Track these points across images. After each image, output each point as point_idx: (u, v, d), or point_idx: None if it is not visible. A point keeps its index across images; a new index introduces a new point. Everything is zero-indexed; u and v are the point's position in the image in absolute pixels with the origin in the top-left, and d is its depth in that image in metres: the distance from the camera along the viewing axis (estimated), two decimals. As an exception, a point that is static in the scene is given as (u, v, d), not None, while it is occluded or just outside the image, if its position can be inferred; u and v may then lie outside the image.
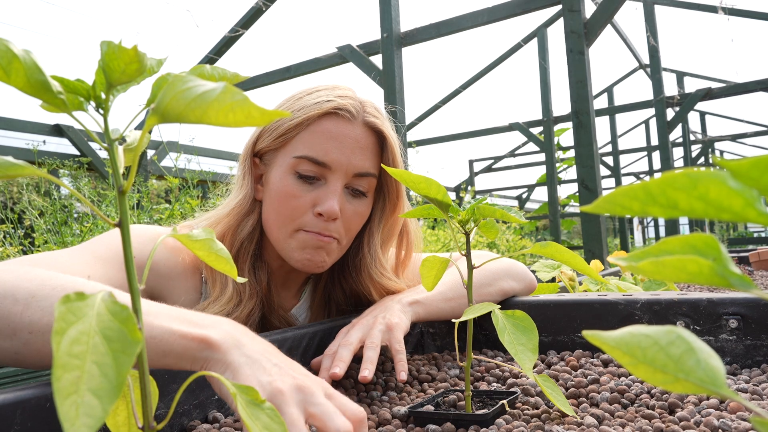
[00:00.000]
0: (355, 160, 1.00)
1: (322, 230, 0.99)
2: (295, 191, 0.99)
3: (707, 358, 0.28)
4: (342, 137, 1.00)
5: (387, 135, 1.04)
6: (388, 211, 1.10)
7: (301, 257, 1.00)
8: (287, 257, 1.02)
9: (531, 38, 6.66)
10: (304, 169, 0.99)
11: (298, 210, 0.99)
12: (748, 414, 0.65)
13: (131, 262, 0.40)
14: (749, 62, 32.85)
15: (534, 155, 11.07)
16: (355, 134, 1.01)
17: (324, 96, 1.01)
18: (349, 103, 1.01)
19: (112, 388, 0.31)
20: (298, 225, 1.00)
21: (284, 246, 1.01)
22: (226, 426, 0.69)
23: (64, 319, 0.33)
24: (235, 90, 0.34)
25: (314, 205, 0.99)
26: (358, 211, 1.04)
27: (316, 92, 1.03)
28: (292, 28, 46.32)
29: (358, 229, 1.06)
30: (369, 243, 1.10)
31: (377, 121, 1.03)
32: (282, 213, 1.00)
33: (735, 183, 0.24)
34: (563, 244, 3.21)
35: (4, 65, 0.35)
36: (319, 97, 1.01)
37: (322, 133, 0.99)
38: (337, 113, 1.00)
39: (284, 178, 1.00)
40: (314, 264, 1.01)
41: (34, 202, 3.35)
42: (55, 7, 14.85)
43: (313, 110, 0.99)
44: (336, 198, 0.98)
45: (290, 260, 1.02)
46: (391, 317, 0.91)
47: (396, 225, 1.12)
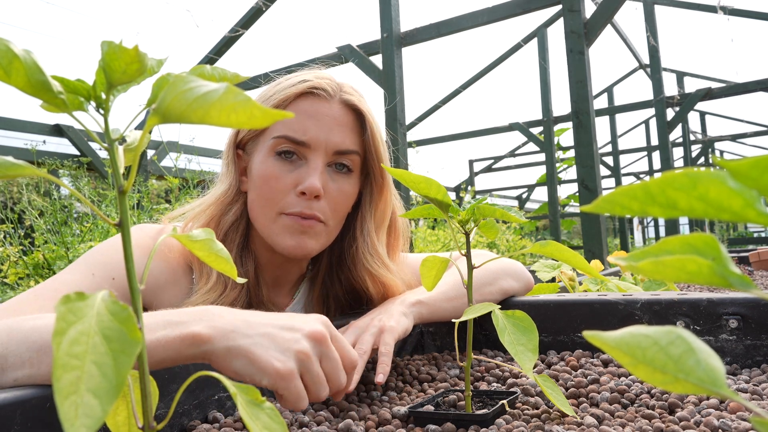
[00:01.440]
0: (334, 136, 1.00)
1: (304, 209, 0.98)
2: (276, 172, 0.99)
3: (707, 358, 0.28)
4: (319, 115, 1.00)
5: (365, 112, 1.04)
6: (376, 193, 1.09)
7: (287, 243, 0.99)
8: (274, 243, 1.01)
9: (531, 38, 6.66)
10: (283, 148, 0.99)
11: (280, 191, 0.99)
12: (748, 414, 0.65)
13: (131, 262, 0.40)
14: (749, 62, 32.85)
15: (534, 155, 11.07)
16: (332, 112, 1.01)
17: (301, 77, 1.03)
18: (325, 83, 1.02)
19: (111, 388, 0.31)
20: (281, 207, 0.99)
21: (269, 232, 1.00)
22: (226, 426, 0.69)
23: (64, 319, 0.33)
24: (237, 90, 0.34)
25: (296, 185, 0.99)
26: (342, 190, 1.02)
27: (295, 76, 1.04)
28: (292, 28, 46.31)
29: (346, 209, 1.05)
30: (362, 228, 1.09)
31: (353, 98, 1.04)
32: (264, 196, 1.00)
33: (735, 183, 0.24)
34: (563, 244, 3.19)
35: (4, 65, 0.36)
36: (296, 78, 1.03)
37: (299, 113, 1.00)
38: (313, 92, 1.01)
39: (265, 161, 1.00)
40: (301, 249, 0.99)
41: (34, 202, 3.34)
42: (55, 7, 14.85)
43: (289, 91, 1.00)
44: (317, 175, 0.98)
45: (277, 246, 1.01)
46: (387, 320, 0.90)
47: (387, 208, 1.11)
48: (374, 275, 1.07)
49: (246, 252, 1.05)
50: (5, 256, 3.09)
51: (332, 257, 1.12)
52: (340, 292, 1.13)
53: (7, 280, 3.06)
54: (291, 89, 1.00)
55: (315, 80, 1.01)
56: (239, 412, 0.40)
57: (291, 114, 0.34)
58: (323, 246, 1.03)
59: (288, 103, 1.00)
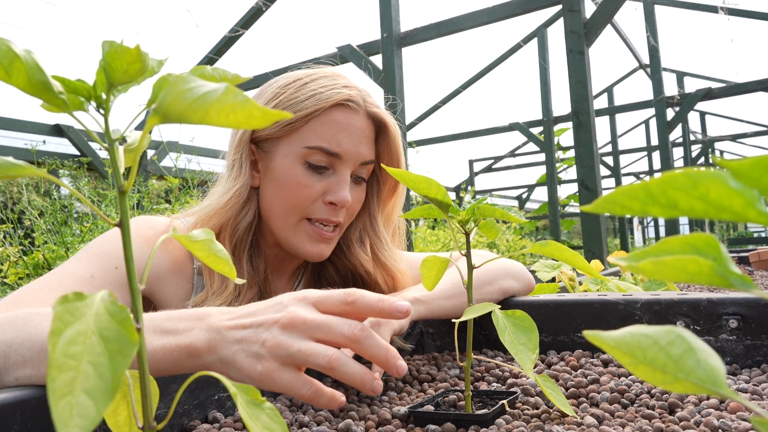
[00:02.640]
0: (363, 149, 1.04)
1: (330, 216, 1.02)
2: (305, 181, 1.01)
3: (707, 358, 0.28)
4: (351, 128, 1.02)
5: (388, 122, 1.08)
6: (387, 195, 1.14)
7: (308, 249, 1.03)
8: (291, 246, 1.03)
9: (531, 38, 6.66)
10: (315, 159, 1.01)
11: (308, 199, 1.01)
12: (748, 414, 0.65)
13: (131, 263, 0.40)
14: (749, 62, 32.84)
15: (534, 155, 11.07)
16: (361, 124, 1.04)
17: (329, 84, 1.03)
18: (355, 94, 1.04)
19: (107, 389, 0.31)
20: (306, 213, 1.02)
21: (288, 235, 1.03)
22: (226, 426, 0.69)
23: (61, 320, 0.33)
24: (236, 91, 0.34)
25: (324, 194, 1.02)
26: (359, 198, 1.08)
27: (319, 79, 1.04)
28: (292, 28, 46.30)
29: (357, 212, 1.10)
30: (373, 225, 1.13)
31: (379, 111, 1.07)
32: (290, 202, 1.01)
33: (735, 183, 0.24)
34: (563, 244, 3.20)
35: (5, 65, 0.36)
36: (325, 86, 1.02)
37: (333, 124, 1.01)
38: (347, 104, 1.02)
39: (293, 168, 1.01)
40: (320, 255, 1.04)
41: (34, 202, 3.34)
42: (55, 7, 14.85)
43: (324, 100, 1.01)
44: (347, 187, 1.02)
45: (296, 250, 1.03)
46: None
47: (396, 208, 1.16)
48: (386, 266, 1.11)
49: (257, 251, 1.06)
50: (5, 256, 3.09)
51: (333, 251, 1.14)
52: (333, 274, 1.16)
53: (7, 280, 3.06)
54: (325, 99, 1.01)
55: (346, 92, 1.03)
56: (239, 412, 0.40)
57: (289, 114, 0.34)
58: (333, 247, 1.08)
59: (320, 113, 1.01)
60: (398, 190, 1.14)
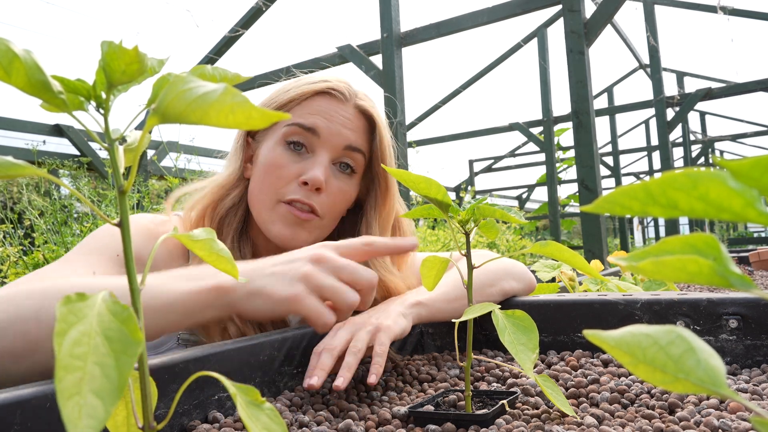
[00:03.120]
0: (345, 132, 1.03)
1: (303, 197, 1.00)
2: (282, 161, 1.01)
3: (707, 358, 0.28)
4: (333, 112, 1.03)
5: (377, 118, 1.07)
6: (380, 199, 1.12)
7: (282, 232, 1.01)
8: (267, 231, 1.02)
9: (531, 38, 6.66)
10: (293, 137, 1.01)
11: (283, 179, 1.01)
12: (748, 414, 0.65)
13: (131, 262, 0.40)
14: (749, 62, 32.85)
15: (534, 155, 11.07)
16: (346, 113, 1.04)
17: (320, 76, 1.06)
18: (342, 86, 1.05)
19: (114, 389, 0.31)
20: (281, 195, 1.01)
21: (265, 218, 1.02)
22: (226, 426, 0.69)
23: (65, 320, 0.33)
24: (235, 92, 0.34)
25: (299, 175, 1.01)
26: (342, 189, 1.05)
27: (315, 75, 1.08)
28: (292, 28, 46.31)
29: (342, 208, 1.08)
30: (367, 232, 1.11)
31: (367, 104, 1.07)
32: (267, 182, 1.01)
33: (735, 183, 0.24)
34: (563, 244, 3.20)
35: (5, 65, 0.36)
36: (316, 77, 1.06)
37: (313, 107, 1.03)
38: (330, 93, 1.03)
39: (273, 149, 1.02)
40: (294, 240, 1.01)
41: (34, 202, 3.35)
42: (55, 7, 14.85)
43: (307, 87, 1.03)
44: (322, 168, 1.00)
45: (270, 234, 1.02)
46: (385, 319, 0.89)
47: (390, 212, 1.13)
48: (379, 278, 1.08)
49: (244, 238, 1.07)
50: (5, 256, 3.09)
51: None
52: None
53: (7, 280, 3.06)
54: (309, 86, 1.03)
55: (333, 82, 1.04)
56: (239, 412, 0.40)
57: (288, 115, 0.34)
58: (316, 240, 1.05)
59: (304, 98, 1.03)
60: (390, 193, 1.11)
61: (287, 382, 0.86)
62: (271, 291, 0.67)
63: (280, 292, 0.67)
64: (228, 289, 0.68)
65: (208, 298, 0.67)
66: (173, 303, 0.66)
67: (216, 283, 0.67)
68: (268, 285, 0.68)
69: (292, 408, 0.77)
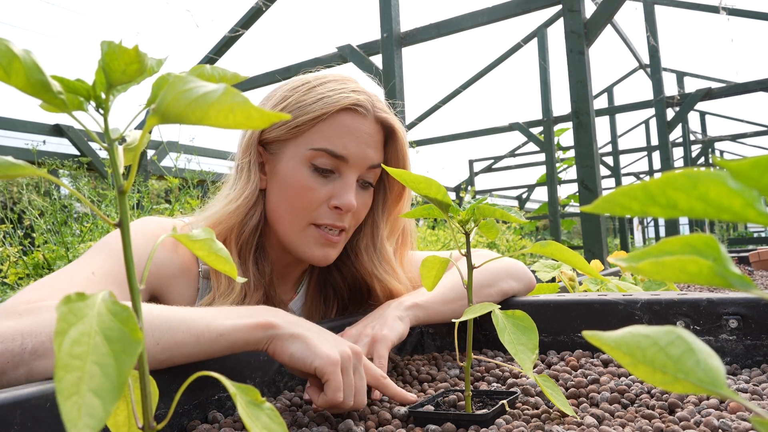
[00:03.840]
0: (370, 153, 1.02)
1: (336, 221, 1.00)
2: (311, 184, 0.99)
3: (707, 358, 0.28)
4: (358, 132, 1.01)
5: (396, 128, 1.07)
6: (392, 202, 1.12)
7: (314, 253, 1.02)
8: (298, 251, 1.02)
9: (531, 38, 6.66)
10: (321, 162, 0.99)
11: (313, 203, 1.00)
12: (748, 414, 0.65)
13: (131, 262, 0.40)
14: (749, 62, 32.85)
15: (534, 155, 11.07)
16: (369, 129, 1.02)
17: (338, 88, 1.02)
18: (364, 99, 1.03)
19: (113, 389, 0.31)
20: (313, 218, 1.00)
21: (294, 239, 1.02)
22: (226, 426, 0.69)
23: (65, 320, 0.33)
24: (235, 92, 0.34)
25: (329, 198, 1.00)
26: (366, 203, 1.06)
27: (328, 83, 1.03)
28: (292, 28, 46.29)
29: (363, 218, 1.08)
30: (374, 234, 1.11)
31: (388, 117, 1.06)
32: (296, 206, 1.00)
33: (735, 183, 0.24)
34: (563, 244, 3.19)
35: (4, 65, 0.36)
36: (334, 90, 1.01)
37: (340, 127, 1.00)
38: (355, 109, 1.01)
39: (299, 170, 1.00)
40: (326, 260, 1.03)
41: (34, 202, 3.35)
42: (55, 7, 14.85)
43: (331, 104, 0.99)
44: (353, 192, 1.00)
45: (301, 255, 1.02)
46: (381, 328, 0.90)
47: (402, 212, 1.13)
48: (382, 281, 1.09)
49: (262, 254, 1.05)
50: (5, 256, 3.09)
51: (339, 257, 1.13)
52: (341, 285, 1.14)
53: (7, 280, 3.06)
54: (333, 102, 1.00)
55: (354, 96, 1.01)
56: (239, 412, 0.40)
57: (288, 116, 0.34)
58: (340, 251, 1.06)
59: (328, 116, 1.00)
60: (404, 196, 1.12)
61: (287, 382, 0.86)
62: (314, 343, 0.71)
63: (321, 348, 0.70)
64: (274, 325, 0.72)
65: (255, 332, 0.71)
66: (224, 333, 0.70)
67: (265, 320, 0.72)
68: (312, 337, 0.72)
69: (292, 408, 0.77)
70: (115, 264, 0.87)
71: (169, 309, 0.70)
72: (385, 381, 0.78)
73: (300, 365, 0.70)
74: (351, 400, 0.70)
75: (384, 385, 0.77)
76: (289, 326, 0.72)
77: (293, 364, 0.71)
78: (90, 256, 0.88)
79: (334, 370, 0.69)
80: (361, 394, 0.72)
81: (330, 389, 0.68)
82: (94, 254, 0.88)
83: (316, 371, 0.69)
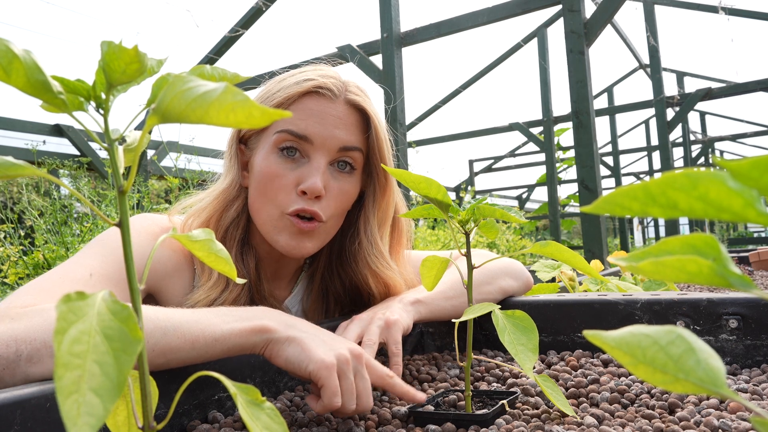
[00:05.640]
0: (338, 134, 0.99)
1: (305, 206, 0.97)
2: (278, 170, 0.98)
3: (707, 358, 0.28)
4: (323, 114, 0.99)
5: (370, 112, 1.04)
6: (379, 192, 1.09)
7: (287, 243, 0.99)
8: (272, 241, 1.00)
9: (531, 38, 6.66)
10: (286, 144, 0.98)
11: (282, 190, 0.98)
12: (748, 414, 0.65)
13: (131, 262, 0.40)
14: (749, 62, 32.85)
15: (534, 155, 11.07)
16: (336, 111, 1.00)
17: (305, 75, 1.01)
18: (330, 82, 1.00)
19: (113, 387, 0.31)
20: (284, 207, 0.98)
21: (269, 229, 1.00)
22: (226, 426, 0.69)
23: (65, 319, 0.33)
24: (236, 90, 0.34)
25: (298, 184, 0.98)
26: (344, 189, 1.02)
27: (300, 73, 1.03)
28: (292, 28, 46.29)
29: (346, 208, 1.05)
30: (365, 228, 1.08)
31: (359, 99, 1.03)
32: (266, 194, 0.99)
33: (735, 183, 0.24)
34: (563, 244, 3.18)
35: (4, 65, 0.36)
36: (301, 77, 1.01)
37: (303, 111, 0.99)
38: (318, 92, 0.99)
39: (267, 158, 0.99)
40: (299, 250, 1.00)
41: (34, 202, 3.34)
42: (55, 7, 14.85)
43: (293, 90, 0.99)
44: (319, 175, 0.97)
45: (275, 245, 1.00)
46: (391, 314, 0.90)
47: (389, 207, 1.11)
48: (377, 274, 1.07)
49: (247, 248, 1.05)
50: (5, 256, 3.09)
51: (332, 254, 1.12)
52: (339, 289, 1.12)
53: (7, 280, 3.06)
54: (295, 87, 0.99)
55: (320, 79, 1.00)
56: (239, 412, 0.40)
57: (289, 113, 0.34)
58: (321, 245, 1.03)
59: (292, 102, 0.99)
60: (389, 187, 1.09)
61: (287, 382, 0.86)
62: (309, 346, 0.69)
63: (317, 352, 0.69)
64: (270, 329, 0.71)
65: (251, 336, 0.70)
66: (219, 338, 0.69)
67: (261, 324, 0.71)
68: (308, 340, 0.71)
69: (292, 408, 0.77)
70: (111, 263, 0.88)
71: (164, 313, 0.69)
72: (392, 380, 0.75)
73: (295, 369, 0.69)
74: (352, 404, 0.69)
75: (391, 385, 0.75)
76: (285, 329, 0.71)
77: (289, 368, 0.70)
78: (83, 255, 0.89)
79: (328, 375, 0.67)
80: (365, 397, 0.70)
81: (326, 394, 0.67)
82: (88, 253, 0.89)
83: (310, 375, 0.68)
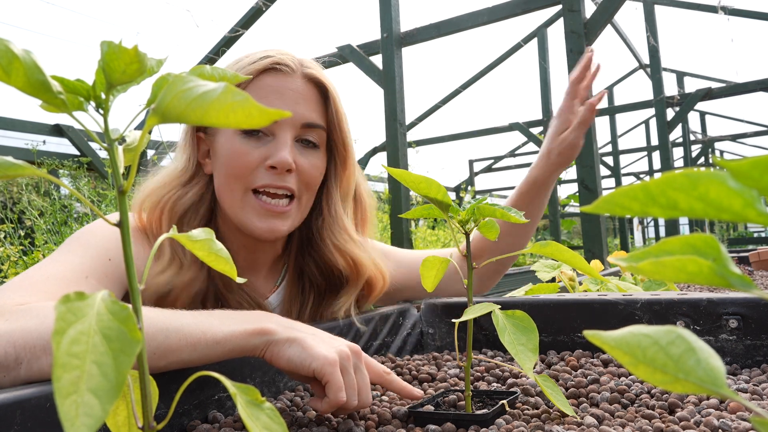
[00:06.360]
0: (300, 109, 1.00)
1: (274, 181, 0.97)
2: (243, 149, 0.97)
3: (707, 358, 0.28)
4: (283, 89, 0.99)
5: (328, 84, 1.04)
6: (340, 166, 1.09)
7: (257, 225, 0.98)
8: (242, 225, 0.99)
9: (531, 38, 6.67)
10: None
11: (248, 167, 0.97)
12: (748, 414, 0.65)
13: (131, 261, 0.40)
14: (749, 62, 32.82)
15: (534, 155, 11.06)
16: (295, 86, 1.00)
17: (262, 53, 1.02)
18: (287, 58, 1.01)
19: (111, 388, 0.31)
20: (249, 183, 0.97)
21: (238, 213, 0.99)
22: (226, 426, 0.69)
23: (63, 319, 0.33)
24: (235, 90, 0.34)
25: (265, 160, 0.97)
26: (313, 164, 1.02)
27: (255, 53, 1.03)
28: (292, 28, 46.28)
29: (317, 184, 1.05)
30: (328, 202, 1.08)
31: (315, 72, 1.03)
32: (231, 173, 0.98)
33: (735, 183, 0.24)
34: (563, 244, 3.18)
35: (4, 65, 0.35)
36: (257, 55, 1.02)
37: (263, 89, 0.99)
38: (275, 68, 1.00)
39: (230, 140, 0.99)
40: (272, 232, 0.99)
41: (34, 202, 3.35)
42: (55, 7, 14.85)
43: (251, 68, 0.99)
44: (287, 149, 0.97)
45: (246, 229, 0.99)
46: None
47: (351, 180, 1.11)
48: (340, 248, 1.06)
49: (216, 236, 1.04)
50: (5, 256, 3.09)
51: (302, 235, 1.11)
52: (314, 269, 1.10)
53: (6, 279, 3.06)
54: (253, 66, 0.99)
55: (277, 56, 1.01)
56: (239, 412, 0.40)
57: (289, 113, 0.34)
58: (294, 225, 1.03)
59: (252, 81, 0.99)
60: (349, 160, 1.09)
61: (287, 382, 0.86)
62: (311, 345, 0.70)
63: (319, 350, 0.69)
64: (270, 331, 0.71)
65: (252, 339, 0.71)
66: (220, 341, 0.70)
67: (261, 326, 0.71)
68: (308, 339, 0.71)
69: (292, 408, 0.77)
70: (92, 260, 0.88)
71: (165, 315, 0.70)
72: (390, 377, 0.76)
73: (298, 369, 0.69)
74: (355, 399, 0.69)
75: (388, 381, 0.76)
76: (285, 331, 0.72)
77: (291, 368, 0.70)
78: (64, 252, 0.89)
79: (332, 371, 0.67)
80: (365, 393, 0.71)
81: (331, 390, 0.67)
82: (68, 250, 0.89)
83: (314, 373, 0.68)
